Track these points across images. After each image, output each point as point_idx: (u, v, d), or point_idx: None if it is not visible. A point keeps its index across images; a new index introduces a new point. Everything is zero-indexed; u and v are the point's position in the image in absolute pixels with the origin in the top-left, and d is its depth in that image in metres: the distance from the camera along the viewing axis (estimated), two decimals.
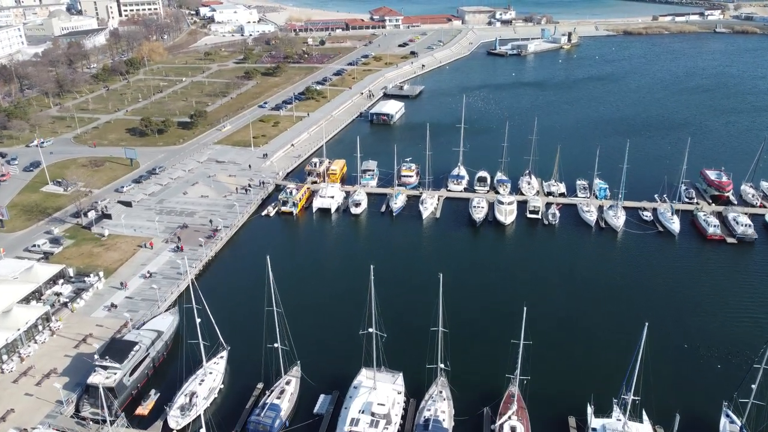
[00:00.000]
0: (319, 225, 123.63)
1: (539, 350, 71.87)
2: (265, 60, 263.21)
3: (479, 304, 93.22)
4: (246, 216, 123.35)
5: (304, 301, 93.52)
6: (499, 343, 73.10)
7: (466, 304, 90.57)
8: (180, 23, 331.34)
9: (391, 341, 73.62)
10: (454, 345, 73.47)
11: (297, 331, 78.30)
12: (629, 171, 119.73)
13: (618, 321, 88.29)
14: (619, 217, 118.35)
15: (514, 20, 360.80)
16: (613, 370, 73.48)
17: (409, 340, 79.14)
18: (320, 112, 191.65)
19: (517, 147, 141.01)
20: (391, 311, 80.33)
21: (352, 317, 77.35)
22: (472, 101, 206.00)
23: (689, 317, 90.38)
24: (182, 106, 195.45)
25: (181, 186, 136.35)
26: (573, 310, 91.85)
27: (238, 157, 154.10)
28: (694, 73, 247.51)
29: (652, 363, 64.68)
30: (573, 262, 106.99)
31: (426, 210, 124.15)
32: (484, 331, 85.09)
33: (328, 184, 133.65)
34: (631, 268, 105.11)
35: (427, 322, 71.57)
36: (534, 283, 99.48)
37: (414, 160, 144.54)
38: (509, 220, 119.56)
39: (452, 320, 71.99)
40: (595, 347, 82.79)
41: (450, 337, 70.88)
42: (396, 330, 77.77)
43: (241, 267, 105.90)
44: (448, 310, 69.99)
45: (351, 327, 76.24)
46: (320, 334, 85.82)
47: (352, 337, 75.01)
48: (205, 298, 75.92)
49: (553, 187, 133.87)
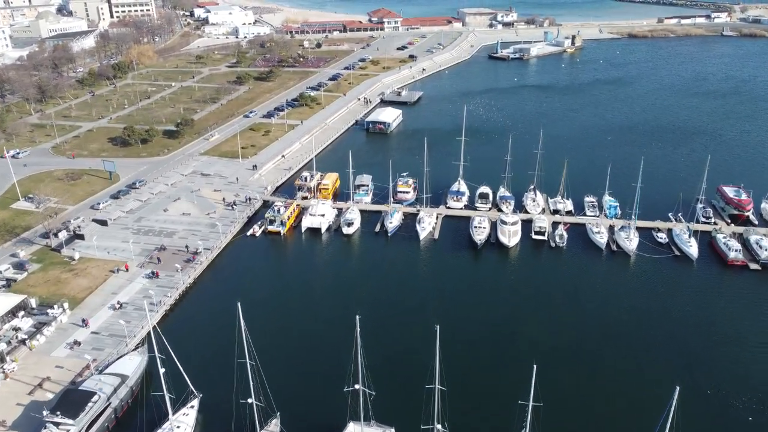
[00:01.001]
0: (308, 246, 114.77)
1: (551, 412, 62.70)
2: (259, 63, 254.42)
3: (481, 350, 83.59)
4: (229, 236, 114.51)
5: (285, 343, 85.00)
6: (504, 402, 64.19)
7: (466, 352, 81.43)
8: (172, 25, 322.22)
9: (381, 397, 64.71)
10: (453, 402, 64.22)
11: (276, 381, 69.27)
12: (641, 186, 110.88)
13: (638, 364, 79.72)
14: (632, 240, 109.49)
15: (515, 22, 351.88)
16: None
17: (402, 397, 70.31)
18: (314, 119, 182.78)
19: (520, 160, 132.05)
20: (381, 361, 71.63)
21: (337, 368, 68.33)
22: (473, 108, 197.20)
23: (712, 356, 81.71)
24: (169, 113, 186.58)
25: (162, 202, 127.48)
26: (587, 355, 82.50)
27: (225, 169, 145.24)
28: (704, 78, 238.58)
29: (679, 420, 55.85)
30: (583, 292, 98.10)
31: (423, 230, 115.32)
32: (487, 388, 75.21)
33: (319, 201, 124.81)
34: (647, 298, 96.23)
35: (422, 376, 62.58)
36: (542, 319, 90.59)
37: (411, 173, 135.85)
38: (513, 242, 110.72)
39: (451, 373, 63.07)
40: (616, 404, 73.39)
41: (448, 394, 61.90)
42: (387, 385, 68.69)
43: (220, 297, 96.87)
44: (446, 359, 61.21)
45: (336, 380, 67.16)
46: (302, 385, 76.50)
47: (338, 389, 66.06)
48: (179, 335, 67.83)
49: (560, 205, 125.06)
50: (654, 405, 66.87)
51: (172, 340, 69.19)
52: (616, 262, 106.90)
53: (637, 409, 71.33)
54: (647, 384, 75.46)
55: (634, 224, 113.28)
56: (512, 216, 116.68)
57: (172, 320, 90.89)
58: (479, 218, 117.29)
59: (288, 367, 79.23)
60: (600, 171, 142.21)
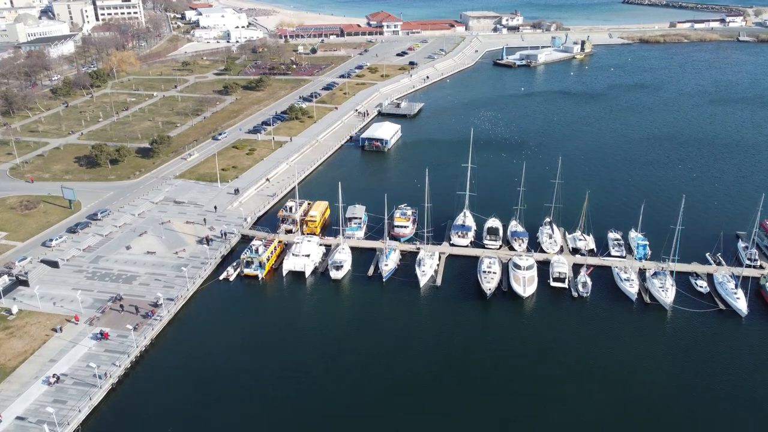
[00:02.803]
0: (290, 294, 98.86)
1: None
2: (249, 71, 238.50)
3: (492, 428, 68.67)
4: (199, 281, 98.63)
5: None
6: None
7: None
8: (160, 28, 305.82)
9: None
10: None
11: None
12: (663, 216, 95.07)
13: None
14: (668, 290, 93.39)
15: (521, 27, 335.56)
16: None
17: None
18: (304, 135, 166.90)
19: (535, 190, 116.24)
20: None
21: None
22: (479, 123, 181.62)
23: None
24: (147, 128, 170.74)
25: (125, 237, 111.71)
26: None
27: (201, 195, 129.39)
28: (728, 88, 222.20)
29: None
30: (611, 356, 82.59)
31: (424, 275, 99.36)
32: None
33: (304, 238, 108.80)
34: (688, 365, 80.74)
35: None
36: (563, 394, 75.03)
37: (411, 202, 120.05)
38: (528, 292, 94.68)
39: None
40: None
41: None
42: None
43: (181, 367, 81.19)
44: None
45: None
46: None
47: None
48: (127, 420, 51.56)
49: (580, 242, 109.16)
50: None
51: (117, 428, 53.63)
52: (650, 318, 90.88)
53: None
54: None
55: (668, 269, 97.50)
56: (527, 258, 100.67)
57: (120, 398, 75.23)
58: (488, 260, 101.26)
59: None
60: (624, 200, 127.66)
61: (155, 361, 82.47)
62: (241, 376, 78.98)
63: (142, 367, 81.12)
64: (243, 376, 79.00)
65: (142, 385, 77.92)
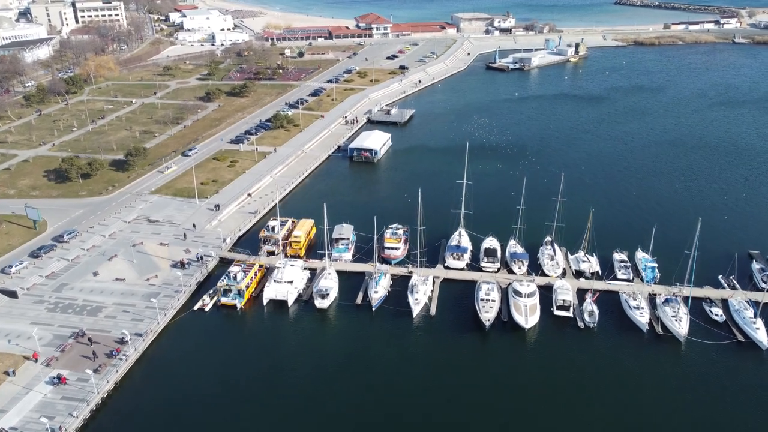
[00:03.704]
0: (271, 325, 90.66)
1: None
2: (233, 76, 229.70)
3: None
4: (171, 313, 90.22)
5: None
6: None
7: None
8: (142, 31, 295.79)
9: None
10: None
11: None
12: (672, 236, 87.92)
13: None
14: (682, 319, 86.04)
15: (513, 29, 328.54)
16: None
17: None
18: (290, 145, 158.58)
19: (535, 208, 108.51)
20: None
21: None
22: (472, 130, 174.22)
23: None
24: (123, 138, 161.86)
25: (93, 261, 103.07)
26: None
27: (178, 213, 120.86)
28: (728, 92, 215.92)
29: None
30: (622, 395, 75.27)
31: (417, 303, 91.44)
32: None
33: (287, 261, 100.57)
34: (707, 407, 73.49)
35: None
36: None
37: (402, 219, 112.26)
38: (531, 323, 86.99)
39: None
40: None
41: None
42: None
43: (148, 412, 72.91)
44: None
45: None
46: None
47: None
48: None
49: (584, 264, 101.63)
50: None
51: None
52: (663, 351, 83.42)
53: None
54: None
55: (680, 294, 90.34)
56: (528, 284, 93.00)
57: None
58: (486, 286, 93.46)
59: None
60: (629, 217, 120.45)
61: (119, 407, 74.07)
62: (217, 421, 71.02)
63: (105, 414, 72.74)
64: (219, 421, 71.04)
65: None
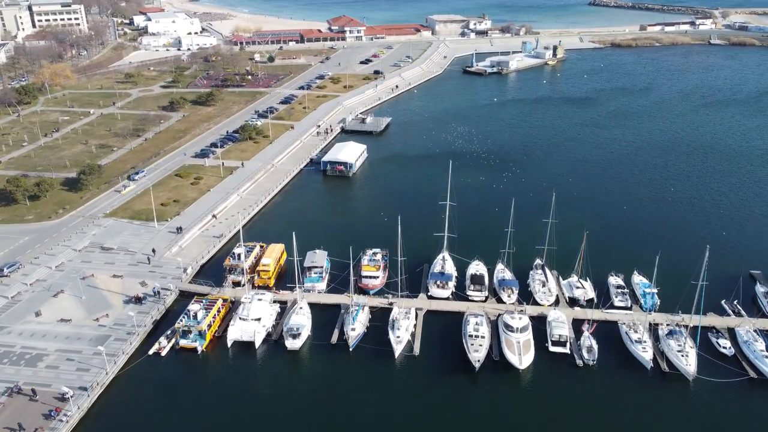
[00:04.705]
0: (235, 372, 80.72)
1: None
2: (200, 83, 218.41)
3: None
4: (123, 360, 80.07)
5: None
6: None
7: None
8: (103, 36, 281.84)
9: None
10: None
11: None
12: (670, 256, 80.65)
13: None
14: (689, 354, 78.67)
15: (490, 31, 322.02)
16: None
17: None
18: (259, 159, 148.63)
19: (523, 230, 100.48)
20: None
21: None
22: (452, 139, 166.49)
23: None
24: (78, 153, 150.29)
25: (36, 299, 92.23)
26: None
27: (135, 238, 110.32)
28: (710, 95, 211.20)
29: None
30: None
31: (399, 341, 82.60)
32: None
33: (254, 295, 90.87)
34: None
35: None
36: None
37: (380, 240, 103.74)
38: (525, 362, 78.73)
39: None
40: None
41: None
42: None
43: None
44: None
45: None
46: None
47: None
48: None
49: (578, 290, 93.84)
50: None
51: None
52: (669, 391, 75.86)
53: None
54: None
55: (683, 324, 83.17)
56: (519, 317, 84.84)
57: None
58: (474, 320, 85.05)
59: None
60: (620, 233, 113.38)
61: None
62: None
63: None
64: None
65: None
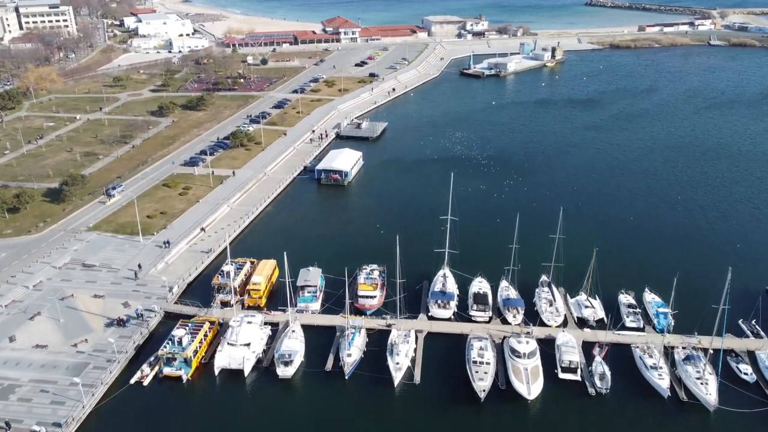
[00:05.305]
0: (223, 401, 75.17)
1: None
2: (190, 86, 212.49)
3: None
4: (102, 391, 74.43)
5: None
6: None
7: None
8: (91, 38, 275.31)
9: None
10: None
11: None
12: (685, 273, 75.60)
13: None
14: (708, 382, 73.63)
15: (486, 32, 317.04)
16: None
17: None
18: (250, 167, 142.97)
19: (529, 246, 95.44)
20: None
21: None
22: (450, 145, 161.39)
23: None
24: (62, 162, 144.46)
25: (11, 322, 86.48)
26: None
27: (119, 254, 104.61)
28: (714, 97, 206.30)
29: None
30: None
31: (399, 367, 77.26)
32: None
33: (243, 317, 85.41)
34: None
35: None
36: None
37: (377, 254, 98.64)
38: (534, 392, 73.47)
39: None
40: None
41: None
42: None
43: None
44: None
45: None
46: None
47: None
48: None
49: (586, 310, 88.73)
50: None
51: None
52: (689, 423, 70.88)
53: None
54: None
55: (700, 347, 78.10)
56: (527, 341, 79.57)
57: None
58: (479, 344, 79.79)
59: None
60: (629, 246, 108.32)
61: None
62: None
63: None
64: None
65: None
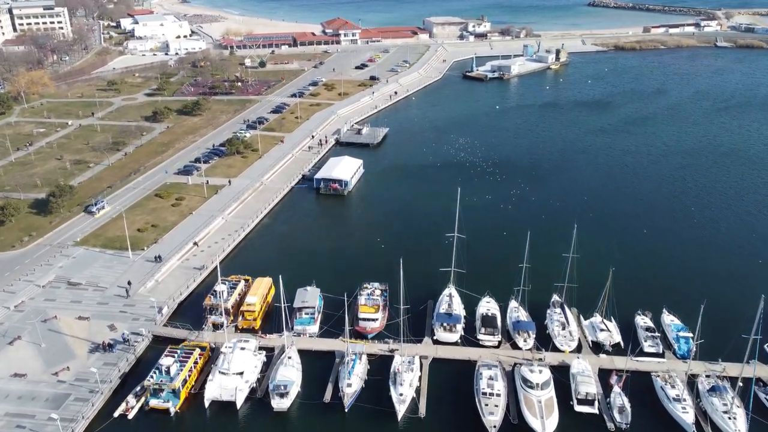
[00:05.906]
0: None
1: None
2: (186, 90, 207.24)
3: None
4: (83, 426, 69.01)
5: None
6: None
7: None
8: (86, 40, 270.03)
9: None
10: None
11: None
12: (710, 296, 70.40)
13: None
14: (737, 416, 68.22)
15: (489, 33, 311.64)
16: None
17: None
18: (247, 176, 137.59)
19: (536, 259, 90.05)
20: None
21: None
22: (454, 152, 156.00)
23: None
24: (51, 170, 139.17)
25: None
26: None
27: (107, 271, 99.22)
28: (724, 101, 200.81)
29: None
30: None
31: (402, 399, 71.84)
32: None
33: (236, 343, 79.97)
34: None
35: None
36: None
37: (378, 271, 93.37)
38: (549, 427, 68.01)
39: None
40: None
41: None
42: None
43: None
44: None
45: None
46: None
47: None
48: None
49: (602, 333, 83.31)
50: None
51: None
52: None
53: None
54: None
55: (725, 375, 72.74)
56: (540, 369, 74.13)
57: None
58: (488, 373, 74.40)
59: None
60: (645, 263, 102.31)
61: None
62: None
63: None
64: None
65: None
